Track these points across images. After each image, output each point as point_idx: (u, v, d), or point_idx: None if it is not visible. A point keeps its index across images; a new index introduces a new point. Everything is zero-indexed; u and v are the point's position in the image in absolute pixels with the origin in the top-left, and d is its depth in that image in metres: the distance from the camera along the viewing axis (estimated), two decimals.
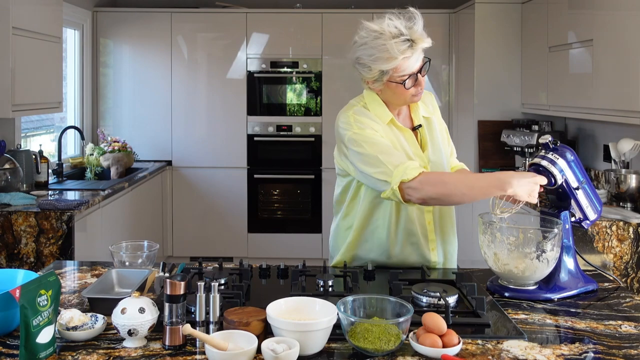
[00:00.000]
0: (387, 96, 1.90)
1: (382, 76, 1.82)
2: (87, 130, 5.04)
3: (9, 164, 3.30)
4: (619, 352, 1.37)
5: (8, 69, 3.12)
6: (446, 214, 2.02)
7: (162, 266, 1.70)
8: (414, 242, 1.98)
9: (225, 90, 5.20)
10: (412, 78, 1.81)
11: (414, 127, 1.97)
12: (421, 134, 1.97)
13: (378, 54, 1.77)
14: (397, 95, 1.86)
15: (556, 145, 1.79)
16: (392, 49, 1.75)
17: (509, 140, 4.26)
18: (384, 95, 1.91)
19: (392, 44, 1.75)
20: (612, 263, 2.83)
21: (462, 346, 1.36)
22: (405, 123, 1.97)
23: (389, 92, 1.87)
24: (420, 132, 1.97)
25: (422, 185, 1.71)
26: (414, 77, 1.82)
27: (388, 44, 1.75)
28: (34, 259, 2.99)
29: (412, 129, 1.97)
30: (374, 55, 1.78)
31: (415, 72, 1.81)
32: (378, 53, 1.77)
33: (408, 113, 1.99)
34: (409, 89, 1.83)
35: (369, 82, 1.88)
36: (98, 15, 5.13)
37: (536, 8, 4.21)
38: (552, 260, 1.70)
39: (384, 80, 1.83)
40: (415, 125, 1.97)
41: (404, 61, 1.77)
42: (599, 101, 3.26)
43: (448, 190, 1.72)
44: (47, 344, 1.32)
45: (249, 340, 1.31)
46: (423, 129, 1.97)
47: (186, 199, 5.22)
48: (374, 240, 1.99)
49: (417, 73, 1.82)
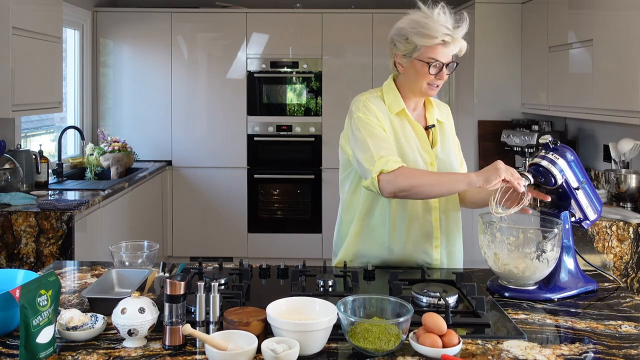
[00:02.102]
0: (407, 78, 1.95)
1: (413, 52, 1.88)
2: (87, 130, 5.04)
3: (9, 164, 3.30)
4: (619, 352, 1.37)
5: (8, 69, 3.12)
6: (452, 213, 2.02)
7: (162, 266, 1.70)
8: (417, 239, 1.98)
9: (225, 90, 5.20)
10: (437, 66, 1.87)
11: (427, 127, 2.01)
12: (433, 133, 2.02)
13: (421, 28, 1.85)
14: (416, 78, 1.91)
15: (556, 145, 1.79)
16: (436, 30, 1.84)
17: (509, 140, 4.26)
18: (404, 78, 1.96)
19: (437, 26, 1.84)
20: (612, 263, 2.83)
21: (462, 346, 1.36)
22: (418, 119, 2.01)
23: (410, 71, 1.92)
24: (433, 132, 2.02)
25: (395, 178, 1.79)
26: (439, 66, 1.87)
27: (433, 24, 1.84)
28: (34, 259, 2.99)
29: (425, 128, 2.01)
30: (417, 29, 1.86)
31: (442, 63, 1.87)
32: (421, 28, 1.85)
33: (423, 113, 2.04)
34: (431, 75, 1.89)
35: (398, 56, 1.94)
36: (98, 15, 5.13)
37: (536, 8, 4.21)
38: (552, 260, 1.70)
39: (412, 57, 1.89)
40: (429, 124, 2.02)
41: (439, 45, 1.85)
42: (599, 101, 3.26)
43: (416, 182, 1.79)
44: (47, 344, 1.31)
45: (249, 340, 1.31)
46: (435, 129, 2.02)
47: (186, 199, 5.22)
48: (375, 236, 2.00)
49: (443, 65, 1.88)
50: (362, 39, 5.17)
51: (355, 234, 2.02)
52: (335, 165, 5.19)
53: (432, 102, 2.04)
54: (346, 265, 1.90)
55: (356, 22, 5.19)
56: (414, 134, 1.96)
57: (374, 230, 1.99)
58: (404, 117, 1.96)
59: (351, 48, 5.20)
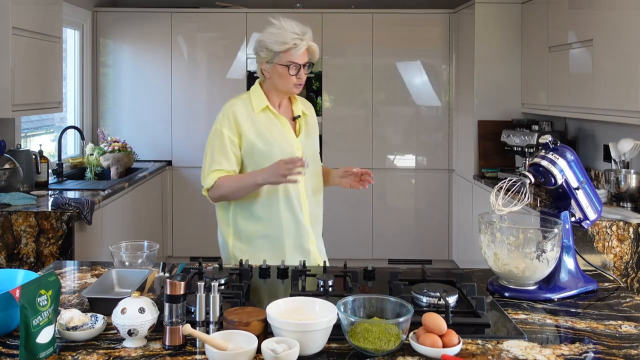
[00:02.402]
0: (273, 81, 2.25)
1: (274, 58, 2.21)
2: (87, 130, 5.04)
3: (9, 164, 3.30)
4: (619, 352, 1.37)
5: (8, 69, 3.12)
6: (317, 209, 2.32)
7: (162, 266, 1.69)
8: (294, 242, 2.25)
9: (225, 90, 5.20)
10: (296, 67, 2.20)
11: (293, 117, 2.32)
12: (299, 123, 2.32)
13: (276, 38, 2.20)
14: (281, 80, 2.22)
15: (556, 145, 1.80)
16: (286, 36, 2.20)
17: (509, 140, 4.26)
18: (271, 81, 2.26)
19: (287, 33, 2.20)
20: (612, 263, 2.83)
21: (462, 346, 1.36)
22: (285, 112, 2.32)
23: (275, 75, 2.23)
24: (299, 122, 2.33)
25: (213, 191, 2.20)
26: (297, 67, 2.20)
27: (284, 32, 2.20)
28: (34, 259, 2.99)
29: (293, 118, 2.32)
30: (273, 39, 2.20)
31: (300, 64, 2.20)
32: (276, 37, 2.20)
33: (289, 106, 2.35)
34: (292, 75, 2.20)
35: (263, 63, 2.25)
36: (98, 15, 5.13)
37: (536, 8, 4.21)
38: (552, 260, 1.70)
39: (274, 62, 2.21)
40: (295, 115, 2.32)
41: (292, 49, 2.19)
42: (599, 101, 3.26)
43: (224, 192, 2.18)
44: (47, 344, 1.32)
45: (249, 340, 1.31)
46: (301, 119, 2.33)
47: (186, 199, 5.22)
48: None
49: (301, 66, 2.21)
50: (362, 39, 5.17)
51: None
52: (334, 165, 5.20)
53: (296, 98, 2.36)
54: (346, 265, 1.90)
55: (356, 22, 5.19)
56: (280, 126, 2.26)
57: None
58: (269, 112, 2.26)
59: (351, 48, 5.20)
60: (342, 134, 5.21)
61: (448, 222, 5.23)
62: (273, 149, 2.20)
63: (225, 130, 2.22)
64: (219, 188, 2.18)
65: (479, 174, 4.54)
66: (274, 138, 2.22)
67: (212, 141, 2.23)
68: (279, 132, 2.25)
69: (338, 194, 5.19)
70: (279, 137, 2.23)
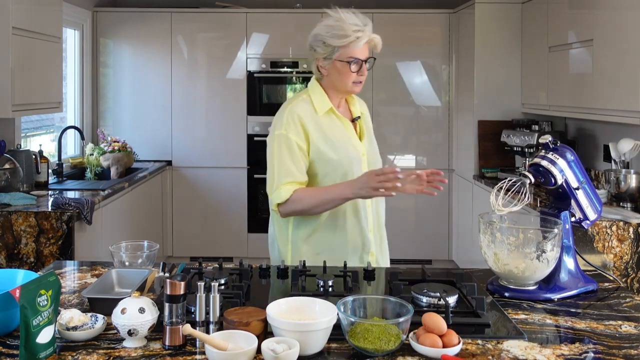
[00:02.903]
0: (331, 79, 2.07)
1: (332, 54, 2.02)
2: (87, 130, 5.04)
3: (9, 164, 3.30)
4: (619, 352, 1.37)
5: (8, 69, 3.12)
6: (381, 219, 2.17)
7: (162, 266, 1.69)
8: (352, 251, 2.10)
9: (225, 90, 5.20)
10: (357, 63, 2.02)
11: (353, 119, 2.16)
12: (359, 125, 2.17)
13: (334, 31, 2.01)
14: (340, 77, 2.05)
15: (556, 145, 1.80)
16: (347, 29, 2.00)
17: (509, 140, 4.26)
18: (329, 79, 2.08)
19: (348, 26, 2.00)
20: (612, 263, 2.83)
21: (462, 346, 1.36)
22: (345, 114, 2.15)
23: (334, 72, 2.05)
24: (359, 124, 2.17)
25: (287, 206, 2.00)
26: (359, 63, 2.02)
27: (345, 25, 2.00)
28: (34, 259, 2.99)
29: (352, 120, 2.15)
30: (331, 32, 2.01)
31: (361, 60, 2.02)
32: (334, 30, 2.01)
33: (347, 107, 2.18)
34: (353, 73, 2.02)
35: (319, 60, 2.07)
36: (98, 15, 5.14)
37: (536, 8, 4.21)
38: (552, 260, 1.70)
39: (333, 58, 2.03)
40: (354, 117, 2.16)
41: (352, 42, 2.00)
42: (599, 101, 3.26)
43: (301, 207, 1.99)
44: (47, 344, 1.32)
45: (249, 340, 1.31)
46: (361, 120, 2.17)
47: (186, 199, 5.22)
48: None
49: (362, 62, 2.03)
50: None
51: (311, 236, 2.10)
52: None
53: (352, 97, 2.19)
54: (346, 265, 1.90)
55: None
56: (344, 129, 2.09)
57: None
58: (333, 115, 2.09)
59: None
60: None
61: (448, 222, 5.23)
62: (341, 155, 2.03)
63: (293, 136, 2.01)
64: (295, 203, 1.97)
65: (479, 174, 4.54)
66: (340, 143, 2.05)
67: (279, 149, 2.01)
68: (343, 136, 2.07)
69: None
70: (345, 142, 2.06)
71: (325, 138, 2.03)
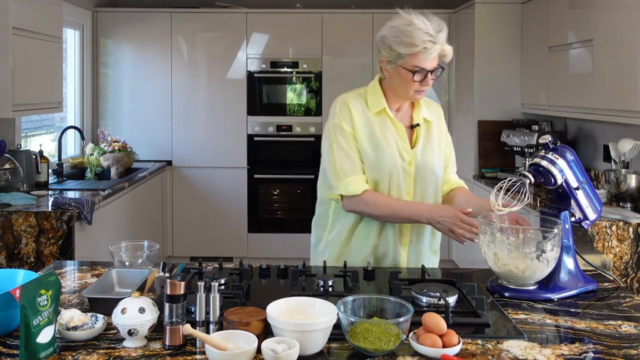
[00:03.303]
0: (393, 83, 1.97)
1: (397, 59, 1.90)
2: (87, 130, 5.04)
3: (9, 164, 3.30)
4: (619, 352, 1.37)
5: (8, 69, 3.12)
6: None
7: (162, 266, 1.70)
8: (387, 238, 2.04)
9: (225, 90, 5.20)
10: (422, 74, 1.90)
11: (412, 125, 2.03)
12: (417, 132, 2.03)
13: (402, 37, 1.87)
14: (402, 84, 1.94)
15: (556, 145, 1.80)
16: (417, 37, 1.86)
17: (509, 140, 4.26)
18: (390, 82, 1.98)
19: (418, 33, 1.86)
20: (612, 263, 2.83)
21: (462, 346, 1.36)
22: (403, 119, 2.04)
23: (396, 78, 1.94)
24: (417, 131, 2.03)
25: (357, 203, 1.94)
26: (424, 73, 1.90)
27: (414, 32, 1.86)
28: (34, 259, 2.99)
29: (410, 127, 2.03)
30: (399, 37, 1.88)
31: (427, 70, 1.90)
32: (403, 36, 1.87)
33: (410, 111, 2.05)
34: (416, 82, 1.91)
35: (383, 62, 1.96)
36: (98, 15, 5.14)
37: (536, 8, 4.21)
38: (552, 260, 1.70)
39: (397, 64, 1.91)
40: (414, 123, 2.03)
41: (421, 53, 1.87)
42: (599, 101, 3.26)
43: (374, 212, 1.94)
44: (47, 344, 1.32)
45: (249, 340, 1.31)
46: (420, 128, 2.03)
47: (186, 199, 5.22)
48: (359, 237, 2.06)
49: (427, 72, 1.90)
50: (362, 39, 5.17)
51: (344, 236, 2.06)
52: None
53: (420, 102, 2.05)
54: (346, 265, 1.90)
55: (356, 22, 5.19)
56: (395, 133, 1.99)
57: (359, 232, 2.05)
58: (385, 116, 2.00)
59: (351, 48, 5.20)
60: None
61: None
62: (384, 159, 1.96)
63: (346, 126, 1.97)
64: (368, 205, 1.93)
65: (479, 174, 4.54)
66: (386, 146, 1.97)
67: (336, 139, 1.98)
68: (392, 140, 1.98)
69: None
70: (391, 146, 1.97)
71: (370, 136, 1.97)
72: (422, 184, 2.01)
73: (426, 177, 2.02)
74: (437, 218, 1.89)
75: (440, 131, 2.09)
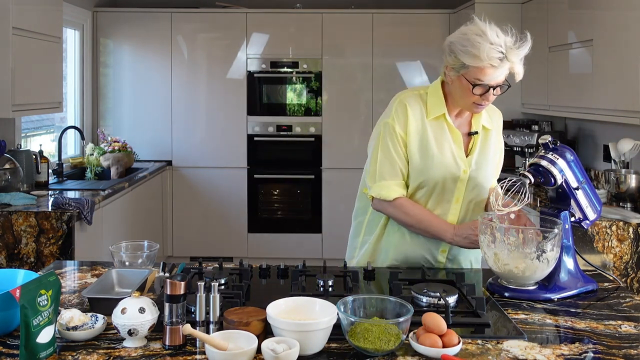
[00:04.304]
0: (453, 90, 1.92)
1: (461, 69, 1.84)
2: (87, 130, 5.04)
3: (9, 164, 3.31)
4: (619, 352, 1.37)
5: (8, 69, 3.12)
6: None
7: (162, 266, 1.70)
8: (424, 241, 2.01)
9: (225, 90, 5.20)
10: (484, 88, 1.83)
11: (470, 133, 1.99)
12: (474, 140, 1.99)
13: (471, 48, 1.79)
14: (462, 94, 1.87)
15: (556, 145, 1.80)
16: (484, 51, 1.77)
17: (509, 140, 4.26)
18: (451, 88, 1.93)
19: (487, 47, 1.77)
20: (612, 263, 2.83)
21: (462, 346, 1.36)
22: (461, 125, 1.99)
23: (457, 86, 1.88)
24: (474, 139, 1.99)
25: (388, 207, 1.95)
26: (486, 88, 1.83)
27: (483, 45, 1.77)
28: (34, 259, 2.99)
29: (468, 134, 1.99)
30: (466, 47, 1.80)
31: (490, 85, 1.82)
32: (470, 47, 1.79)
33: (469, 118, 2.01)
34: (475, 95, 1.84)
35: (447, 67, 1.90)
36: (98, 15, 5.14)
37: (536, 8, 4.21)
38: (552, 260, 1.70)
39: (459, 73, 1.84)
40: (472, 131, 1.99)
41: (486, 68, 1.79)
42: (599, 101, 3.26)
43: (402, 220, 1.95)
44: (47, 344, 1.32)
45: (249, 340, 1.31)
46: (477, 136, 1.99)
47: (186, 199, 5.22)
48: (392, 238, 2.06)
49: (490, 87, 1.83)
50: (362, 39, 5.17)
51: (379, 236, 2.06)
52: (334, 165, 5.21)
53: None
54: (346, 265, 1.90)
55: (356, 22, 5.19)
56: (451, 140, 1.94)
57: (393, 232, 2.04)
58: (443, 122, 1.94)
59: (351, 48, 5.20)
60: (342, 134, 5.21)
61: None
62: (432, 166, 1.91)
63: (398, 129, 1.92)
64: (397, 211, 1.93)
65: None
66: (438, 153, 1.91)
67: (384, 138, 1.93)
68: (447, 148, 1.93)
69: (336, 192, 5.19)
70: (445, 153, 1.92)
71: (421, 142, 1.92)
72: (473, 193, 1.98)
73: (478, 186, 1.98)
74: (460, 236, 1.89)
75: (498, 140, 2.06)
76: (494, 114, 2.08)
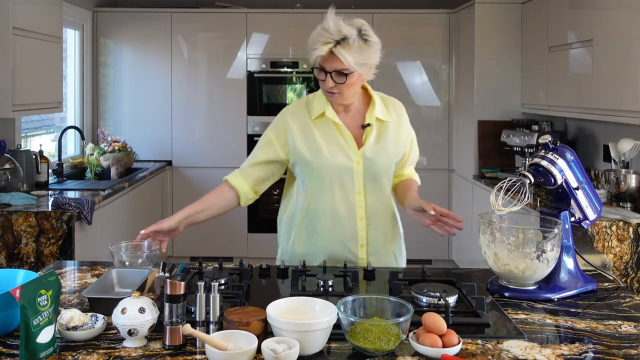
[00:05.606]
0: None
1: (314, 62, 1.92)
2: (87, 130, 5.05)
3: (9, 164, 3.31)
4: (619, 352, 1.37)
5: (8, 69, 3.12)
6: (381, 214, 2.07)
7: (162, 266, 1.70)
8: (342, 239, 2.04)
9: (225, 90, 5.20)
10: (320, 72, 1.91)
11: (363, 125, 2.03)
12: (367, 132, 2.02)
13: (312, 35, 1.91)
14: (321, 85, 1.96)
15: (556, 145, 1.80)
16: (313, 35, 1.90)
17: (509, 140, 4.26)
18: None
19: (317, 32, 1.89)
20: (612, 263, 2.83)
21: (462, 346, 1.36)
22: (354, 118, 2.04)
23: None
24: (367, 131, 2.02)
25: None
26: (323, 72, 1.90)
27: (316, 30, 1.90)
28: (34, 259, 2.99)
29: (362, 126, 2.02)
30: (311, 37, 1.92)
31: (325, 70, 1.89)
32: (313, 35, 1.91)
33: (363, 111, 2.05)
34: (321, 80, 1.93)
35: None
36: (98, 15, 5.14)
37: (536, 8, 4.21)
38: (552, 260, 1.70)
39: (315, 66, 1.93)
40: (364, 123, 2.02)
41: (314, 51, 1.88)
42: (599, 101, 3.26)
43: None
44: (47, 344, 1.32)
45: (249, 340, 1.31)
46: (371, 128, 2.02)
47: (186, 199, 5.19)
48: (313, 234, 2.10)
49: (326, 73, 1.89)
50: None
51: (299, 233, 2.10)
52: None
53: (374, 101, 2.04)
54: (346, 265, 1.90)
55: None
56: (337, 135, 2.00)
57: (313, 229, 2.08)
58: (327, 119, 2.00)
59: None
60: None
61: None
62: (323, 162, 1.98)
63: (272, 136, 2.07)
64: None
65: (479, 174, 4.54)
66: (326, 149, 1.98)
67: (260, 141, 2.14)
68: (333, 143, 1.99)
69: None
70: (333, 149, 1.99)
71: (308, 141, 1.99)
72: (374, 184, 2.02)
73: (377, 176, 2.02)
74: None
75: (400, 130, 2.08)
76: (392, 105, 2.11)
